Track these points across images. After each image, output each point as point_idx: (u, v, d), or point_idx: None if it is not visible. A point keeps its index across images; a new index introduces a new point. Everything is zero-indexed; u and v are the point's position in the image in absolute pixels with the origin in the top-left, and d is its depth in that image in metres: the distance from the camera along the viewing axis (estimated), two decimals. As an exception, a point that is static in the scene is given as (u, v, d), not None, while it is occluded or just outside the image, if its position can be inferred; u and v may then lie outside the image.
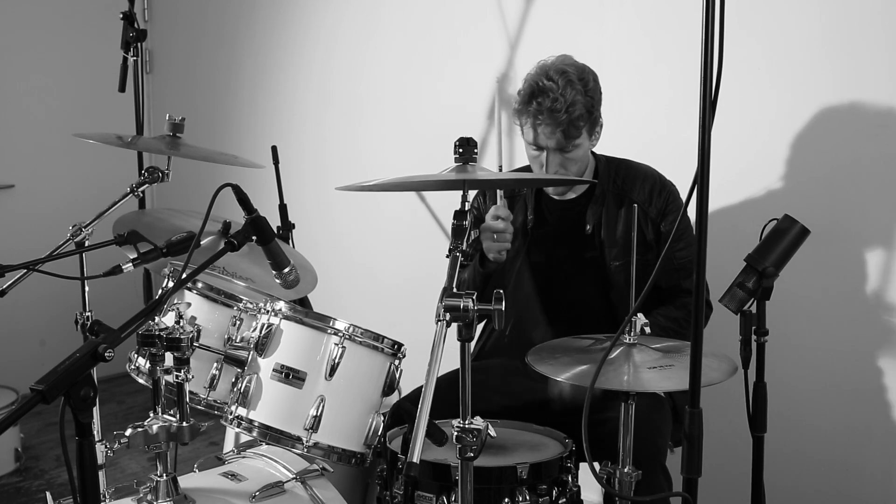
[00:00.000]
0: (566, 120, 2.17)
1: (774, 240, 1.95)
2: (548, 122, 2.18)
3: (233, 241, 1.81)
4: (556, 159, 2.24)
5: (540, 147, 2.24)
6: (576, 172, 2.29)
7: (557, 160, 2.24)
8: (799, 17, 2.53)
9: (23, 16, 4.23)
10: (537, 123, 2.20)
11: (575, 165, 2.28)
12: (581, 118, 2.20)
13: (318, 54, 3.86)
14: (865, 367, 2.51)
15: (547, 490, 1.83)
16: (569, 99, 2.17)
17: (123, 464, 3.48)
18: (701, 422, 1.58)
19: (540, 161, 2.26)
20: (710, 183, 1.54)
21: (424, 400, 1.36)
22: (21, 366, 3.24)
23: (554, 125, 2.18)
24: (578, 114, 2.18)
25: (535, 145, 2.24)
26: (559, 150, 2.23)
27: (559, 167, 2.25)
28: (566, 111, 2.17)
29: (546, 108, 2.17)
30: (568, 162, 2.25)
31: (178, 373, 1.80)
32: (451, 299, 1.46)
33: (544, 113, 2.18)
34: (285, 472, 2.03)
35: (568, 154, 2.24)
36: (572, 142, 2.21)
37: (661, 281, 2.32)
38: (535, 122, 2.20)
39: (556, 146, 2.21)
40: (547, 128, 2.19)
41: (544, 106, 2.17)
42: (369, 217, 3.70)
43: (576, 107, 2.18)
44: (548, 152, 2.23)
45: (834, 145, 2.51)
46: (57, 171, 4.34)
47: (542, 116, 2.18)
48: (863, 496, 2.55)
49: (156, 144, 2.34)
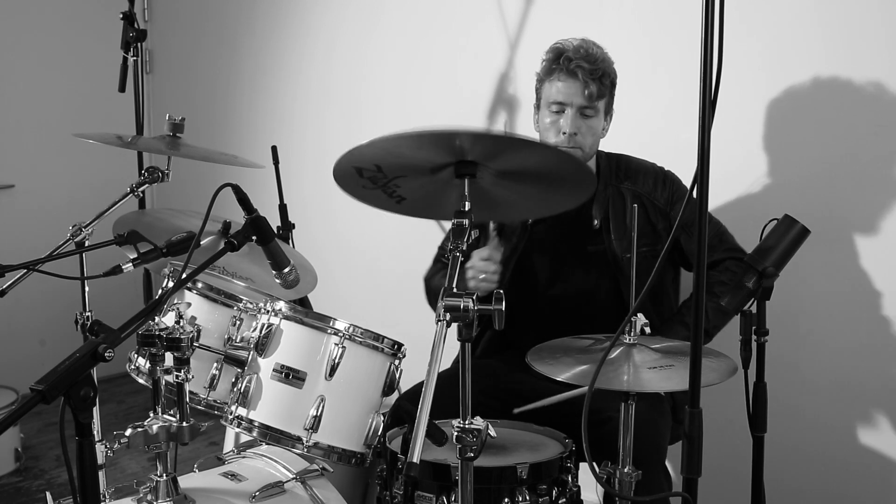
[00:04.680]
0: (601, 69, 2.20)
1: (774, 240, 1.95)
2: (583, 68, 2.18)
3: (233, 241, 1.81)
4: (576, 121, 2.22)
5: (562, 107, 2.23)
6: (590, 145, 2.27)
7: (577, 123, 2.23)
8: (797, 14, 2.53)
9: (23, 16, 4.23)
10: (571, 69, 2.19)
11: (591, 136, 2.26)
12: (609, 77, 2.23)
13: (319, 54, 3.86)
14: (865, 367, 2.51)
15: (547, 490, 1.83)
16: (602, 54, 2.23)
17: (123, 464, 3.48)
18: (701, 422, 1.58)
19: (557, 126, 2.24)
20: (709, 182, 1.54)
21: (424, 400, 1.36)
22: (21, 366, 3.24)
23: (587, 73, 2.19)
24: (610, 70, 2.23)
25: (559, 103, 2.23)
26: (581, 112, 2.22)
27: (577, 131, 2.23)
28: (602, 61, 2.21)
29: (581, 56, 2.20)
30: (585, 129, 2.24)
31: (178, 373, 1.80)
32: (451, 299, 1.46)
33: (579, 59, 2.19)
34: (285, 472, 2.03)
35: (588, 120, 2.23)
36: (597, 102, 2.22)
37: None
38: (569, 70, 2.20)
39: (585, 100, 2.21)
40: (580, 76, 2.19)
41: (580, 54, 2.20)
42: (369, 217, 3.68)
43: (608, 63, 2.23)
44: (570, 111, 2.22)
45: (834, 145, 2.51)
46: (57, 171, 4.34)
47: (576, 61, 2.19)
48: (863, 496, 2.55)
49: (156, 144, 2.34)
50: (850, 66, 2.46)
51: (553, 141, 2.25)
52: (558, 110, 2.24)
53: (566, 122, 2.22)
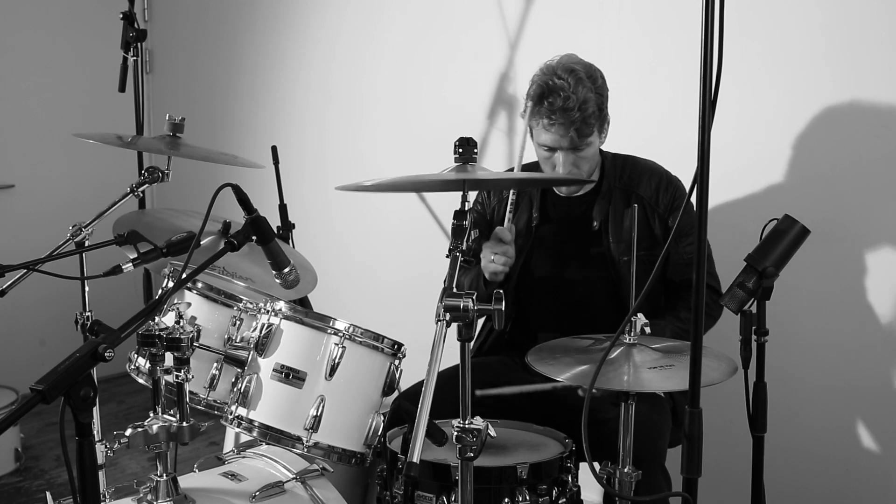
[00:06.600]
0: (579, 118, 2.16)
1: (774, 240, 1.95)
2: (561, 122, 2.16)
3: (233, 241, 1.81)
4: (568, 159, 2.23)
5: (552, 148, 2.23)
6: (588, 170, 2.29)
7: (570, 159, 2.23)
8: (798, 16, 2.53)
9: (23, 16, 4.23)
10: (550, 123, 2.18)
11: (587, 164, 2.27)
12: (593, 116, 2.19)
13: (319, 54, 3.86)
14: (866, 367, 2.51)
15: (547, 490, 1.83)
16: (581, 97, 2.16)
17: (123, 464, 3.48)
18: (701, 422, 1.58)
19: (552, 162, 2.25)
20: (710, 183, 1.54)
21: (424, 400, 1.36)
22: (21, 366, 3.24)
23: (567, 124, 2.16)
24: (591, 111, 2.18)
25: (547, 147, 2.23)
26: (572, 150, 2.22)
27: (572, 166, 2.24)
28: (579, 109, 2.15)
29: (558, 108, 2.16)
30: (580, 161, 2.25)
31: (178, 373, 1.80)
32: (451, 299, 1.47)
33: (557, 112, 2.16)
34: (285, 472, 2.03)
35: (580, 153, 2.23)
36: (585, 140, 2.20)
37: (674, 276, 2.34)
38: (549, 123, 2.18)
39: (570, 146, 2.20)
40: (560, 128, 2.17)
41: (556, 105, 2.16)
42: (369, 217, 3.70)
43: (588, 104, 2.17)
44: (561, 152, 2.22)
45: (834, 145, 2.51)
46: (57, 171, 4.34)
47: (554, 116, 2.16)
48: (863, 496, 2.55)
49: (156, 144, 2.34)
50: (851, 66, 2.46)
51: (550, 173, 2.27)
52: (549, 150, 2.25)
53: (559, 163, 2.24)
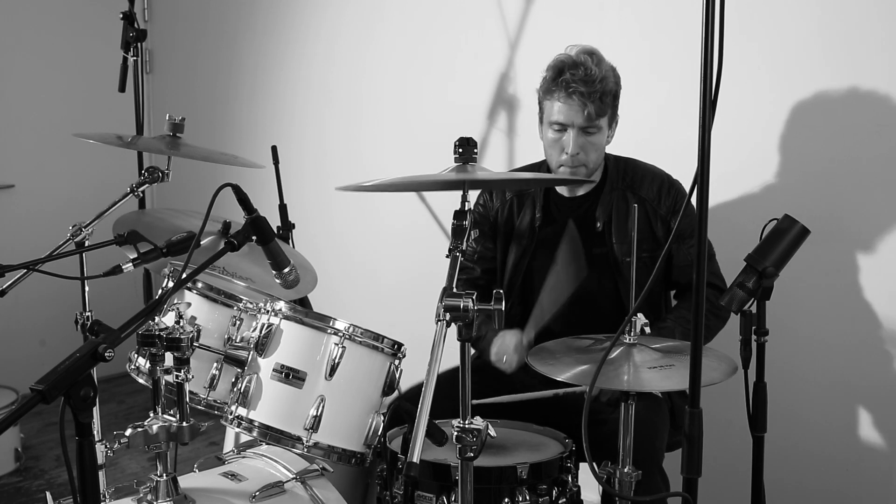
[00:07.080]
0: (599, 90, 2.18)
1: (774, 240, 1.95)
2: (581, 92, 2.17)
3: (233, 241, 1.81)
4: (578, 140, 2.23)
5: (563, 127, 2.23)
6: (594, 161, 2.29)
7: (580, 142, 2.23)
8: (797, 14, 2.53)
9: (23, 16, 4.23)
10: (570, 92, 2.18)
11: (594, 152, 2.27)
12: (610, 94, 2.21)
13: (319, 54, 3.86)
14: (866, 367, 2.51)
15: (547, 490, 1.83)
16: (602, 73, 2.19)
17: (123, 464, 3.48)
18: (701, 422, 1.58)
19: (560, 144, 2.25)
20: (710, 183, 1.54)
21: (424, 400, 1.36)
22: (21, 366, 3.24)
23: (586, 95, 2.17)
24: (610, 88, 2.20)
25: (559, 123, 2.23)
26: (583, 131, 2.22)
27: (580, 150, 2.24)
28: (600, 82, 2.18)
29: (580, 78, 2.17)
30: (588, 146, 2.25)
31: (178, 373, 1.80)
32: (451, 299, 1.47)
33: (577, 82, 2.17)
34: (285, 472, 2.03)
35: (590, 137, 2.23)
36: (600, 119, 2.21)
37: (680, 278, 2.35)
38: (567, 93, 2.19)
39: (585, 122, 2.20)
40: (579, 98, 2.18)
41: (578, 76, 2.18)
42: (369, 217, 3.70)
43: (607, 81, 2.20)
44: (571, 131, 2.22)
45: (833, 145, 2.51)
46: (57, 171, 4.34)
47: (574, 85, 2.18)
48: (863, 496, 2.55)
49: (156, 144, 2.34)
50: (850, 66, 2.46)
51: (557, 159, 2.28)
52: (560, 129, 2.25)
53: (568, 142, 2.23)
